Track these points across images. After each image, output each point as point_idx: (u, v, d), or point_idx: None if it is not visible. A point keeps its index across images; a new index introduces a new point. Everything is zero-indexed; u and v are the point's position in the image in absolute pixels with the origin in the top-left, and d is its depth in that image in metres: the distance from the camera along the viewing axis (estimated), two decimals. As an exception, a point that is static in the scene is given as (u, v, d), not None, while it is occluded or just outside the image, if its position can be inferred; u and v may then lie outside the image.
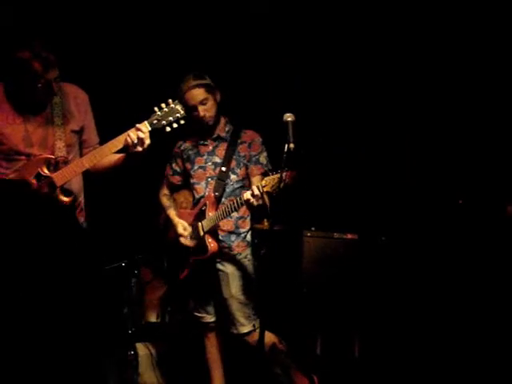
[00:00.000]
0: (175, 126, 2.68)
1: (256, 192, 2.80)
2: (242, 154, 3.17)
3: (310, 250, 3.74)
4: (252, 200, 2.83)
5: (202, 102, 3.08)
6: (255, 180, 3.10)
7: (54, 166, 2.72)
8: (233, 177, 3.16)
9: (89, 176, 2.91)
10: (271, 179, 2.74)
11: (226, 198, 3.14)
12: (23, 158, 2.72)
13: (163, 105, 2.67)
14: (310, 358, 3.71)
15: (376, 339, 3.68)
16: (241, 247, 3.21)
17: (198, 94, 3.07)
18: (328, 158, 4.22)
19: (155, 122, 2.65)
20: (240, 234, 3.21)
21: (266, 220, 4.00)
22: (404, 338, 3.63)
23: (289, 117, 2.64)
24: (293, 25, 4.16)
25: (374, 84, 4.19)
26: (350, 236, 3.74)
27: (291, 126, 2.62)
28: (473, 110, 3.89)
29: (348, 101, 4.27)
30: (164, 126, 2.67)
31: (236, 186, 3.17)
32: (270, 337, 3.10)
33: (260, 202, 2.86)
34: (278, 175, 2.67)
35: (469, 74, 3.89)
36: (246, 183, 3.20)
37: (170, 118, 2.65)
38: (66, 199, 2.71)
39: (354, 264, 3.68)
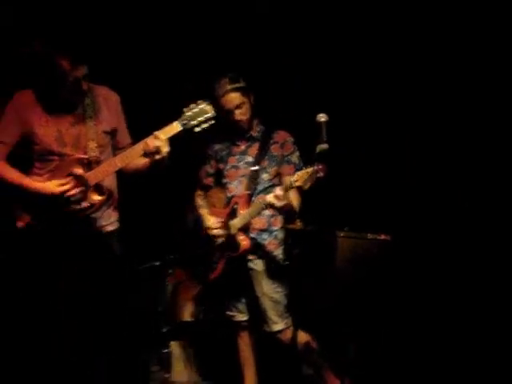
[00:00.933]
0: (204, 126, 2.70)
1: (278, 193, 2.81)
2: (275, 153, 3.19)
3: (343, 250, 3.72)
4: (274, 202, 2.83)
5: (239, 106, 3.12)
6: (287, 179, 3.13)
7: (87, 165, 2.77)
8: (265, 175, 3.18)
9: (122, 176, 2.97)
10: (303, 173, 2.74)
11: (257, 197, 3.16)
12: (56, 158, 2.79)
13: (192, 105, 2.70)
14: (343, 360, 3.69)
15: (410, 341, 3.64)
16: (273, 245, 3.23)
17: (234, 97, 3.10)
18: (362, 157, 4.21)
19: (185, 122, 2.68)
20: (272, 232, 3.24)
21: (298, 220, 4.00)
22: (440, 342, 3.59)
23: (322, 117, 2.66)
24: (293, 25, 4.15)
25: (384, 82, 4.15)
26: (383, 237, 3.71)
27: (324, 127, 2.63)
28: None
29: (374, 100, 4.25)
30: (193, 126, 2.69)
31: (267, 184, 3.19)
32: (303, 336, 3.11)
33: (283, 202, 2.85)
34: (310, 169, 2.67)
35: (470, 74, 3.83)
36: (276, 182, 3.21)
37: (200, 118, 2.68)
38: (98, 198, 2.77)
39: (388, 265, 3.65)
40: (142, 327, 4.07)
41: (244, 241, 3.12)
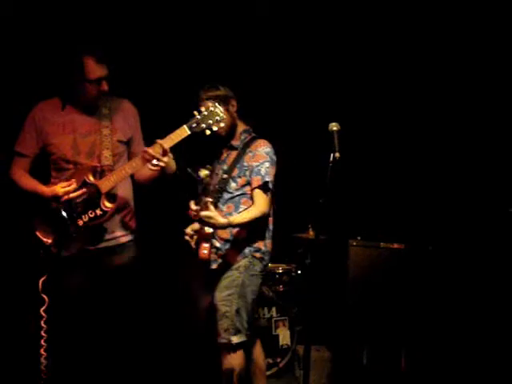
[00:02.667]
0: (215, 128, 2.73)
1: (192, 206, 2.88)
2: (246, 163, 3.05)
3: (355, 259, 3.71)
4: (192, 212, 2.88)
5: None
6: (254, 193, 2.99)
7: (100, 173, 2.84)
8: (233, 185, 3.06)
9: (138, 186, 3.01)
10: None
11: (223, 205, 3.05)
12: (71, 166, 2.85)
13: (203, 108, 2.73)
14: (356, 368, 3.68)
15: (423, 351, 3.62)
16: (233, 257, 3.04)
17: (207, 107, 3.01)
18: (374, 166, 4.20)
19: (194, 125, 2.70)
20: (235, 243, 3.05)
21: (311, 229, 4.01)
22: (452, 351, 3.56)
23: (334, 126, 2.65)
24: (293, 26, 4.13)
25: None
26: (396, 245, 3.70)
27: (336, 136, 2.62)
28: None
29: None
30: (204, 129, 2.72)
31: (236, 193, 3.06)
32: (239, 363, 2.96)
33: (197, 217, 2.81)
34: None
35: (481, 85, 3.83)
36: (247, 191, 3.06)
37: (210, 121, 2.71)
38: (110, 205, 2.81)
39: (401, 274, 3.63)
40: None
41: (200, 249, 2.99)
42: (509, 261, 3.54)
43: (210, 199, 2.82)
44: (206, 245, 2.95)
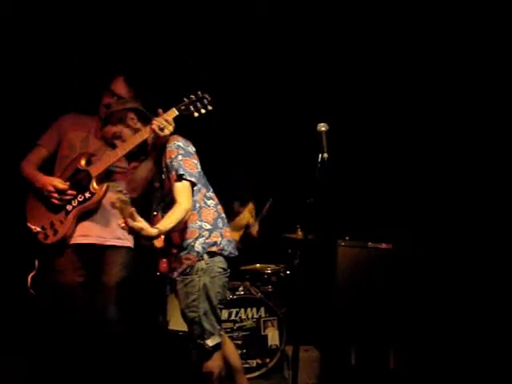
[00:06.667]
0: (203, 111, 2.77)
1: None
2: (163, 164, 2.82)
3: (344, 259, 3.72)
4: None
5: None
6: (173, 190, 2.72)
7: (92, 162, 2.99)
8: (165, 190, 2.84)
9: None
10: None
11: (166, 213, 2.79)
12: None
13: (192, 95, 2.78)
14: (344, 368, 3.69)
15: (412, 351, 3.64)
16: (189, 260, 2.80)
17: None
18: (362, 166, 4.22)
19: (183, 107, 2.76)
20: (188, 245, 2.80)
21: (299, 229, 4.02)
22: (440, 349, 3.58)
23: (322, 127, 2.64)
24: (283, 27, 4.14)
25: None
26: (384, 245, 3.71)
27: (325, 136, 2.62)
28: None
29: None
30: (192, 112, 2.77)
31: (168, 200, 2.80)
32: (217, 365, 2.81)
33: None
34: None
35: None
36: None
37: (198, 104, 2.76)
38: (97, 187, 2.91)
39: (389, 273, 3.65)
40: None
41: (160, 263, 2.88)
42: (495, 260, 3.58)
43: (136, 216, 2.44)
44: (164, 258, 2.86)
